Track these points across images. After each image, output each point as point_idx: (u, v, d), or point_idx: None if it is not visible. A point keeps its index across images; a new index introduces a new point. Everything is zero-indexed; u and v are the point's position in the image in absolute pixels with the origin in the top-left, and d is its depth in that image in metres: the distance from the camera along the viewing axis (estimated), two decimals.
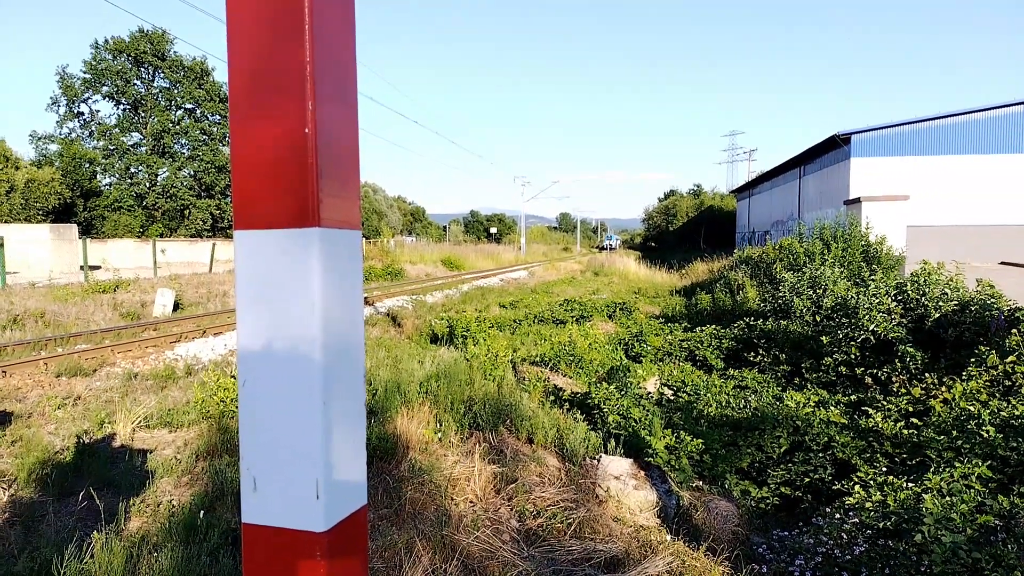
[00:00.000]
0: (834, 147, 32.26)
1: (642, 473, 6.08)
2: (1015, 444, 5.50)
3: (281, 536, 1.03)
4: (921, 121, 30.30)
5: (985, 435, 5.73)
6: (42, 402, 8.15)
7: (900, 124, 30.43)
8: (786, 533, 5.27)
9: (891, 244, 16.40)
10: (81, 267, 23.93)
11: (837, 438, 6.59)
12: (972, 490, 4.91)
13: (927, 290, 9.94)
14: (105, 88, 38.22)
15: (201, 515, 4.59)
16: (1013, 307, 9.04)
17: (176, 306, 17.79)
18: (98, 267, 25.19)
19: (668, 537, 5.07)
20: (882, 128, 30.52)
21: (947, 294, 9.73)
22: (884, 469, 6.05)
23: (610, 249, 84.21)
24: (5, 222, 27.72)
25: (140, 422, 7.24)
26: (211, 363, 10.75)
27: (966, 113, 29.89)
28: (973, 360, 7.43)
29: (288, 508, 1.02)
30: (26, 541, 4.55)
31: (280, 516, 1.03)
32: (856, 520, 4.88)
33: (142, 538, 4.40)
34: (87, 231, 34.03)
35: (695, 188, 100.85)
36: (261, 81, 1.00)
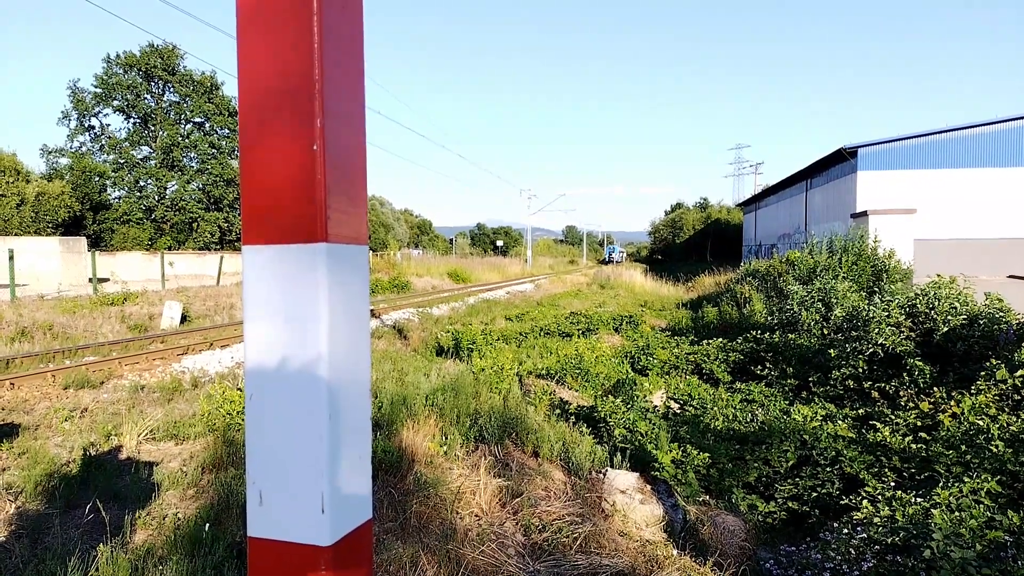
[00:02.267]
0: (841, 160, 32.28)
1: (648, 487, 6.05)
2: None
3: (287, 550, 1.03)
4: (928, 135, 30.31)
5: (994, 450, 5.68)
6: (49, 414, 8.18)
7: (907, 137, 30.45)
8: (793, 548, 5.23)
9: (899, 258, 16.35)
10: (90, 280, 24.07)
11: (845, 452, 6.55)
12: (981, 505, 4.87)
13: (937, 304, 9.90)
14: (116, 102, 38.56)
15: (207, 528, 4.59)
16: (1022, 321, 8.99)
17: (184, 319, 17.85)
18: (107, 280, 25.32)
19: (674, 552, 5.03)
20: (889, 141, 30.54)
21: (956, 308, 9.68)
22: (892, 484, 6.00)
23: (614, 263, 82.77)
24: (15, 235, 27.92)
25: (147, 434, 7.25)
26: (218, 376, 10.77)
27: (973, 127, 29.90)
28: (982, 374, 7.39)
29: (294, 522, 1.03)
30: (32, 553, 4.55)
31: (286, 530, 1.03)
32: (864, 535, 4.84)
33: (147, 551, 4.40)
34: (96, 244, 34.23)
35: (702, 201, 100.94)
36: (271, 98, 1.02)
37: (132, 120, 40.02)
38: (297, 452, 1.02)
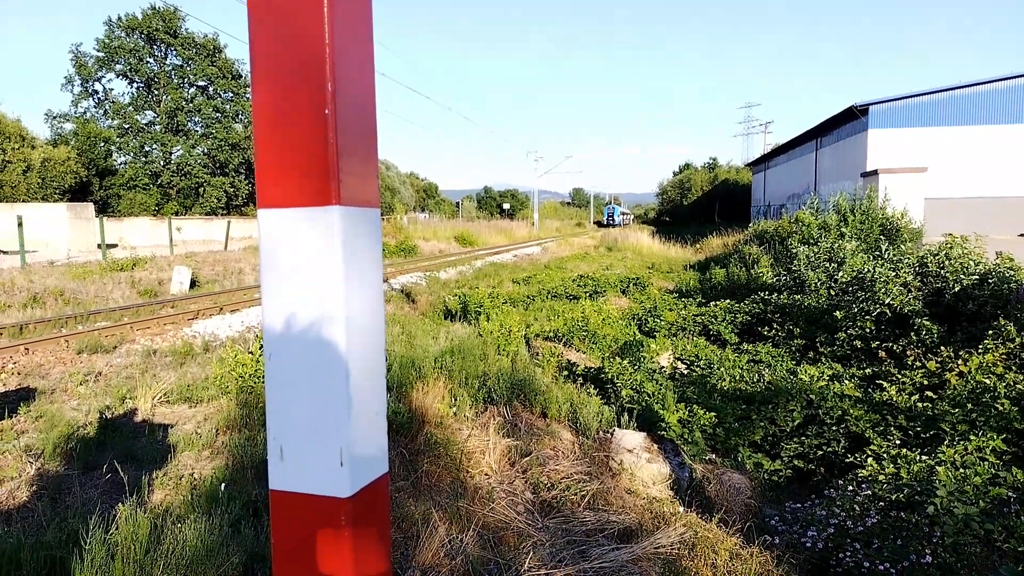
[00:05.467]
0: (851, 118, 31.81)
1: (655, 446, 6.13)
2: None
3: (308, 501, 1.07)
4: (940, 91, 29.78)
5: (1000, 408, 5.72)
6: (64, 378, 8.31)
7: (919, 94, 29.93)
8: (799, 505, 5.32)
9: (910, 217, 16.23)
10: (98, 245, 24.15)
11: (851, 411, 6.60)
12: (986, 463, 4.92)
13: (947, 263, 9.85)
14: (119, 66, 38.18)
15: (222, 487, 4.69)
16: None
17: (193, 283, 17.96)
18: (115, 245, 25.41)
19: (681, 509, 5.12)
20: (900, 99, 30.04)
21: (968, 267, 9.63)
22: (898, 442, 6.06)
23: (615, 225, 79.78)
24: (23, 201, 27.98)
25: (160, 397, 7.36)
26: (228, 339, 10.88)
27: (986, 83, 29.33)
28: (990, 333, 7.40)
29: (314, 475, 1.07)
30: (54, 512, 4.67)
31: (306, 482, 1.07)
32: (869, 492, 4.91)
33: (165, 510, 4.51)
34: (103, 210, 34.24)
35: (710, 161, 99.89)
36: (282, 64, 1.03)
37: (135, 84, 39.70)
38: (316, 408, 1.05)
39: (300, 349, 1.06)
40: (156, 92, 39.85)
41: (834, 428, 6.55)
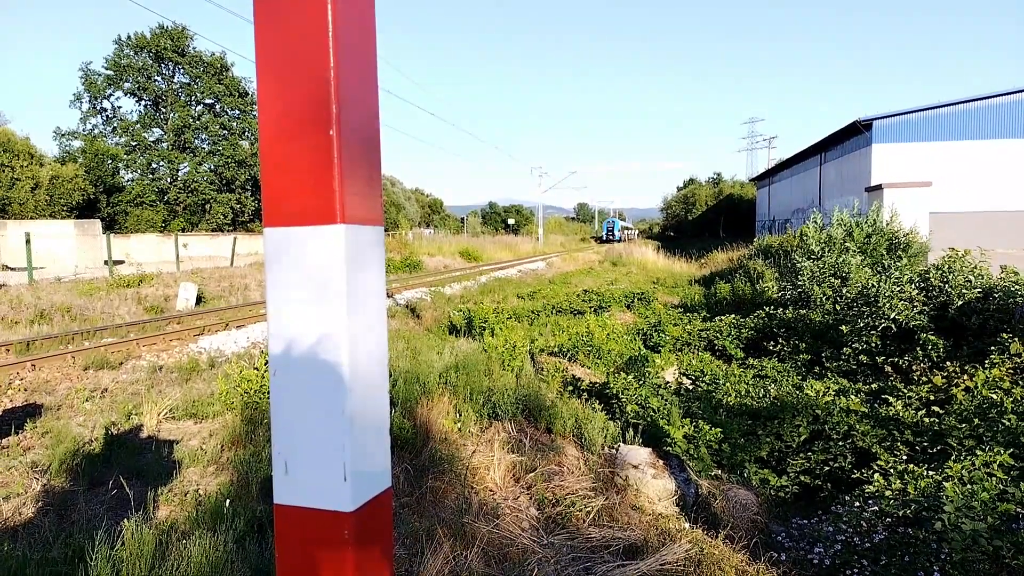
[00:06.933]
0: (855, 133, 31.88)
1: (661, 462, 6.11)
2: None
3: (311, 516, 1.09)
4: (944, 106, 29.84)
5: (1007, 423, 5.69)
6: (71, 395, 8.33)
7: (923, 109, 29.99)
8: (805, 521, 5.29)
9: (918, 231, 16.20)
10: (105, 262, 24.29)
11: (857, 427, 6.58)
12: (994, 478, 4.88)
13: (951, 278, 9.84)
14: (127, 84, 38.66)
15: (227, 503, 4.69)
16: None
17: (199, 300, 18.02)
18: (122, 262, 25.56)
19: (687, 525, 5.10)
20: (904, 113, 30.09)
21: (971, 281, 9.61)
22: (904, 457, 6.03)
23: (616, 240, 78.69)
24: (31, 218, 28.19)
25: (166, 413, 7.38)
26: (234, 355, 10.90)
27: (990, 97, 29.39)
28: (996, 348, 7.37)
29: (318, 489, 1.08)
30: (60, 528, 4.68)
31: (310, 497, 1.09)
32: (876, 508, 4.88)
33: (171, 526, 4.51)
34: (110, 226, 34.50)
35: (714, 176, 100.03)
36: (288, 85, 1.05)
37: (143, 102, 40.13)
38: (320, 424, 1.07)
39: (304, 365, 1.07)
40: (164, 110, 40.25)
41: (840, 443, 6.52)
